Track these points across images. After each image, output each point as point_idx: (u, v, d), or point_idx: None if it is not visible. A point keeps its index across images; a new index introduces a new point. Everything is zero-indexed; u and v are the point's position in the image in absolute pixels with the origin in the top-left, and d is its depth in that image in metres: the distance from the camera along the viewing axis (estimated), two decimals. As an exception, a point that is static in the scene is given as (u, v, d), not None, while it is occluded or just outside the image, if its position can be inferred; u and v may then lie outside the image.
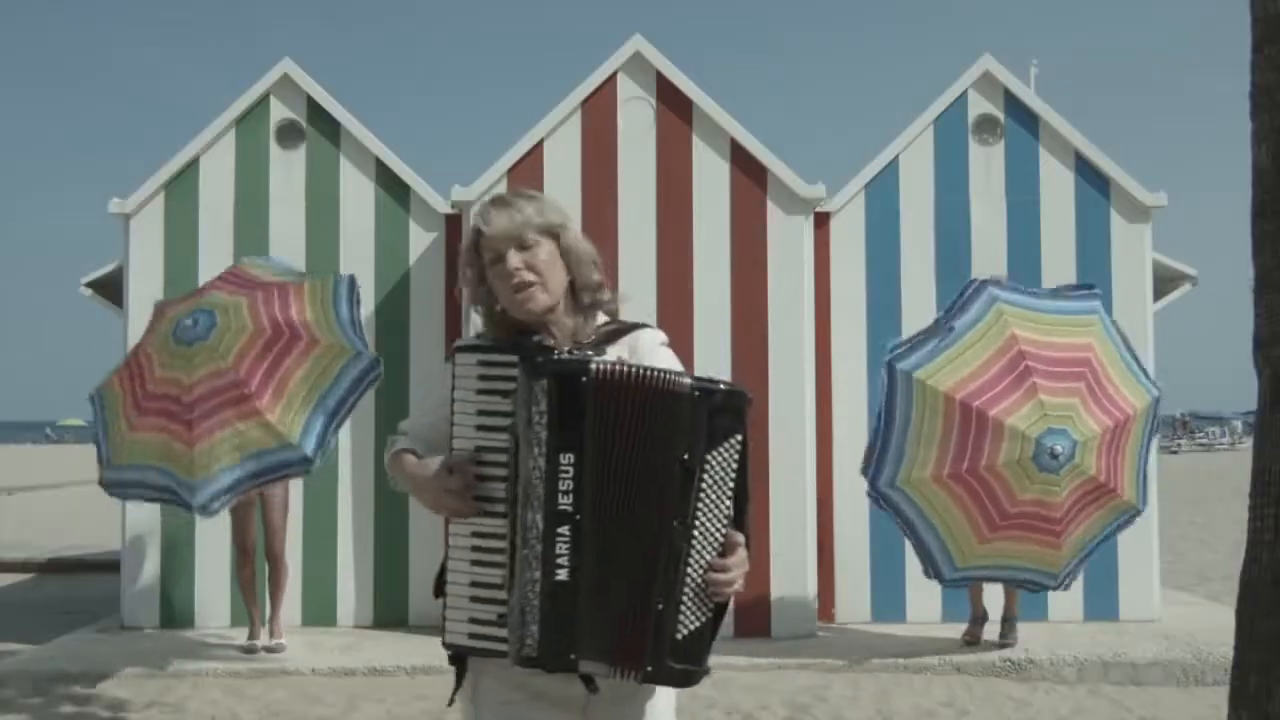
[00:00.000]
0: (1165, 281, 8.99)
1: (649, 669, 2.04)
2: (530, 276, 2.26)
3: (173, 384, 6.00)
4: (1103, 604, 7.96)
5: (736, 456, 2.06)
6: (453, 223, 8.21)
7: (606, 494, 2.03)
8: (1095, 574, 7.96)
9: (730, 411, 2.06)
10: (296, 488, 7.50)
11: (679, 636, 2.04)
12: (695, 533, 2.04)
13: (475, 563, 2.14)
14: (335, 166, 8.26)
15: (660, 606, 2.03)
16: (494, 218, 2.28)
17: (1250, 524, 3.23)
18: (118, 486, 6.38)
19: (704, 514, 2.05)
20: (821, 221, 8.10)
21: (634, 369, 2.06)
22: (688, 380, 2.05)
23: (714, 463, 2.04)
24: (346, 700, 6.31)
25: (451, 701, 2.27)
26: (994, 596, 7.37)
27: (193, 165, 8.20)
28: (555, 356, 2.10)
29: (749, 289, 7.73)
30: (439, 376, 2.34)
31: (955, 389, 6.21)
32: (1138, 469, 6.55)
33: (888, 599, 8.03)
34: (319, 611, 8.02)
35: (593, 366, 2.04)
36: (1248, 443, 36.77)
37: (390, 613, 8.05)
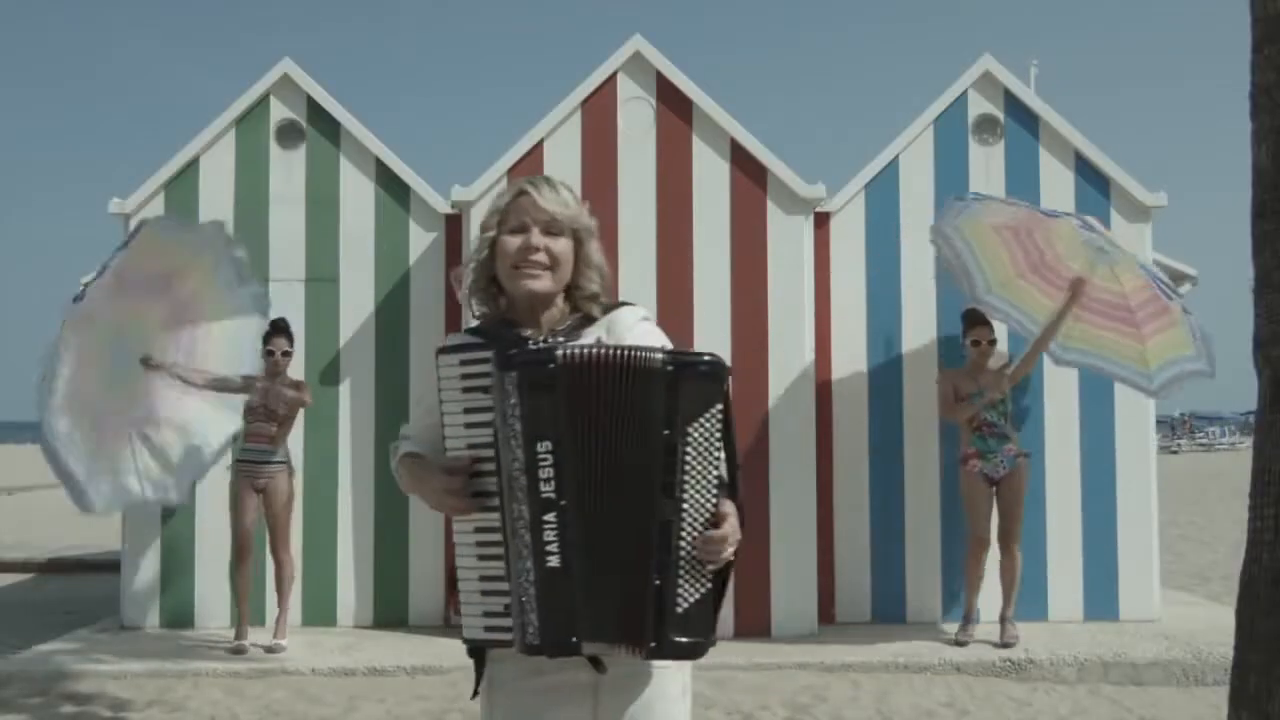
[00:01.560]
0: (1165, 281, 8.99)
1: (653, 644, 2.06)
2: (545, 260, 2.29)
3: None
4: (1103, 604, 7.96)
5: (719, 426, 2.06)
6: (453, 223, 8.22)
7: (589, 477, 2.05)
8: (1095, 574, 7.97)
9: (708, 381, 2.06)
10: (297, 488, 7.50)
11: (680, 610, 2.06)
12: (685, 506, 2.05)
13: (480, 557, 2.18)
14: (335, 166, 8.26)
15: (657, 582, 2.04)
16: (547, 193, 2.32)
17: (1250, 524, 3.24)
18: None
19: (691, 486, 2.05)
20: (821, 221, 8.10)
21: (602, 350, 2.07)
22: (660, 355, 2.06)
23: (696, 434, 2.04)
24: (346, 700, 6.31)
25: (475, 694, 2.29)
26: (994, 598, 7.38)
27: (193, 165, 8.20)
28: (527, 347, 2.11)
29: (749, 289, 7.72)
30: (430, 378, 2.36)
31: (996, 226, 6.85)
32: (1187, 324, 6.71)
33: (888, 599, 8.03)
34: (319, 611, 8.02)
35: (559, 353, 2.05)
36: (1248, 443, 36.77)
37: (390, 613, 8.05)
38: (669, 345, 2.24)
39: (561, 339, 2.23)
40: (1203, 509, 19.00)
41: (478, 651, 2.26)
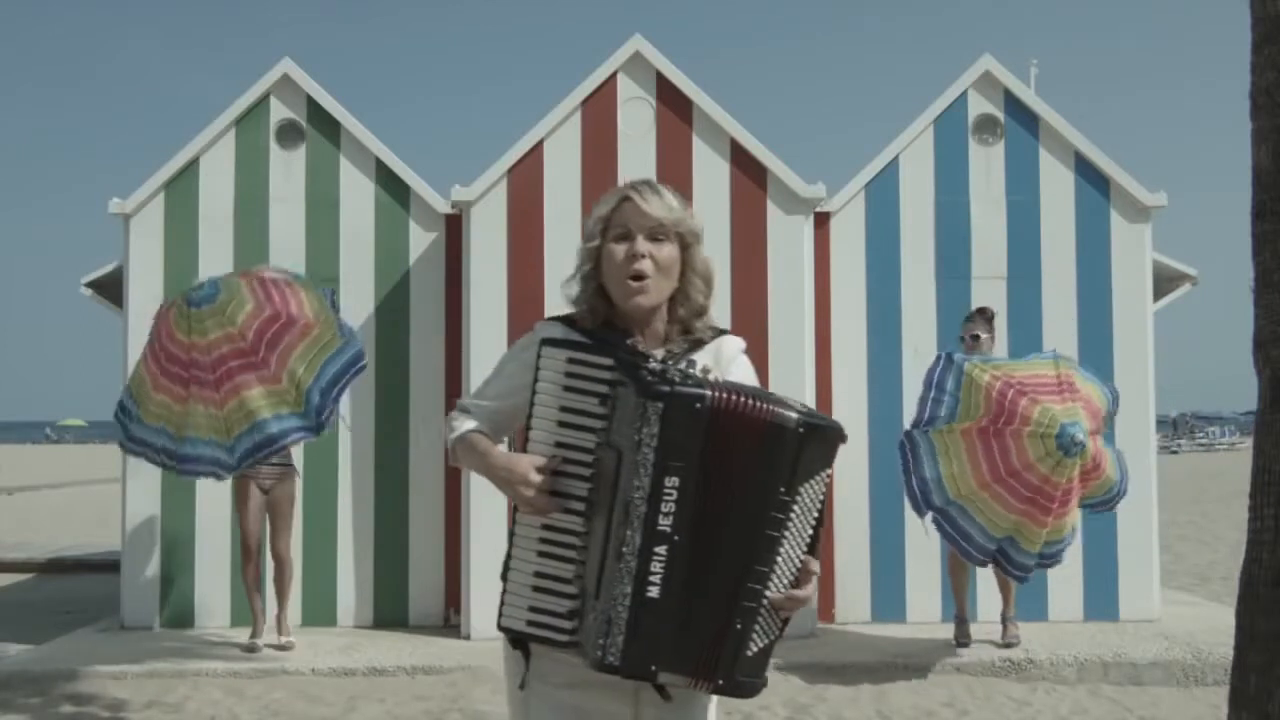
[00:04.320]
0: (1165, 281, 8.99)
1: (720, 682, 2.12)
2: (650, 268, 2.26)
3: (187, 347, 6.24)
4: (1103, 604, 7.97)
5: (824, 489, 2.14)
6: (453, 223, 8.21)
7: (704, 518, 2.07)
8: (1095, 574, 7.97)
9: (828, 446, 2.12)
10: (297, 488, 7.50)
11: (749, 654, 2.13)
12: (779, 559, 2.11)
13: (542, 554, 2.18)
14: (335, 166, 8.26)
15: (739, 626, 2.10)
16: (651, 198, 2.28)
17: (1250, 524, 3.23)
18: (135, 443, 6.49)
19: (789, 542, 2.12)
20: (821, 221, 8.10)
21: (744, 398, 2.07)
22: (794, 415, 2.07)
23: (805, 495, 2.11)
24: (346, 700, 6.32)
25: (523, 685, 2.27)
26: (993, 598, 7.38)
27: (193, 165, 8.20)
28: (666, 373, 2.09)
29: (749, 289, 7.72)
30: (511, 359, 2.36)
31: (971, 426, 6.50)
32: (1114, 457, 6.81)
33: (888, 599, 8.03)
34: (319, 611, 8.02)
35: (708, 394, 2.05)
36: (1248, 443, 36.78)
37: (390, 613, 8.05)
38: (757, 383, 2.27)
39: (670, 364, 2.18)
40: (1203, 509, 19.00)
41: (521, 643, 2.26)
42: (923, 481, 6.59)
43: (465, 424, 2.35)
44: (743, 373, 2.33)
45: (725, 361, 2.34)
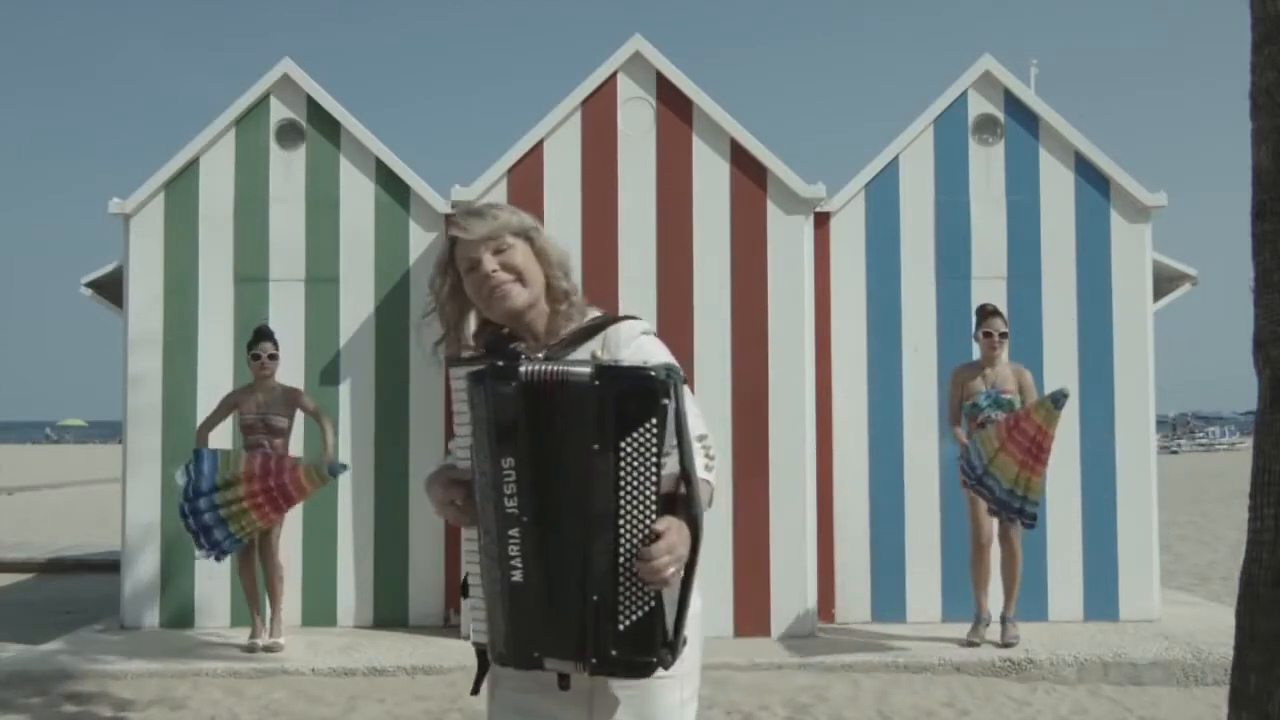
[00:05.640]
0: (1165, 281, 8.99)
1: (594, 661, 2.06)
2: (506, 276, 2.31)
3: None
4: (1103, 604, 7.97)
5: (654, 440, 2.02)
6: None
7: (542, 494, 2.07)
8: (1095, 574, 7.97)
9: (639, 395, 2.02)
10: (296, 488, 7.50)
11: (621, 628, 2.04)
12: (621, 522, 2.03)
13: (471, 564, 2.22)
14: (335, 166, 8.26)
15: (595, 598, 2.04)
16: (472, 224, 2.33)
17: (1250, 524, 3.24)
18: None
19: (627, 503, 2.03)
20: (821, 221, 8.10)
21: (548, 367, 2.08)
22: (587, 369, 2.05)
23: (630, 450, 2.02)
24: (346, 700, 6.31)
25: (475, 690, 2.31)
26: (994, 598, 7.37)
27: (193, 165, 8.20)
28: (515, 362, 2.11)
29: (749, 289, 7.72)
30: None
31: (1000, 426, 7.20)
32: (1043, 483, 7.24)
33: (888, 599, 8.03)
34: (319, 611, 8.02)
35: (521, 370, 2.07)
36: (1248, 443, 36.75)
37: (390, 613, 8.05)
38: (670, 359, 2.23)
39: (552, 355, 2.22)
40: (1203, 509, 19.00)
41: (483, 651, 2.27)
42: (984, 474, 7.08)
43: (441, 464, 2.41)
44: (641, 353, 2.26)
45: (618, 345, 2.30)
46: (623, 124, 7.86)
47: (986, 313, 7.39)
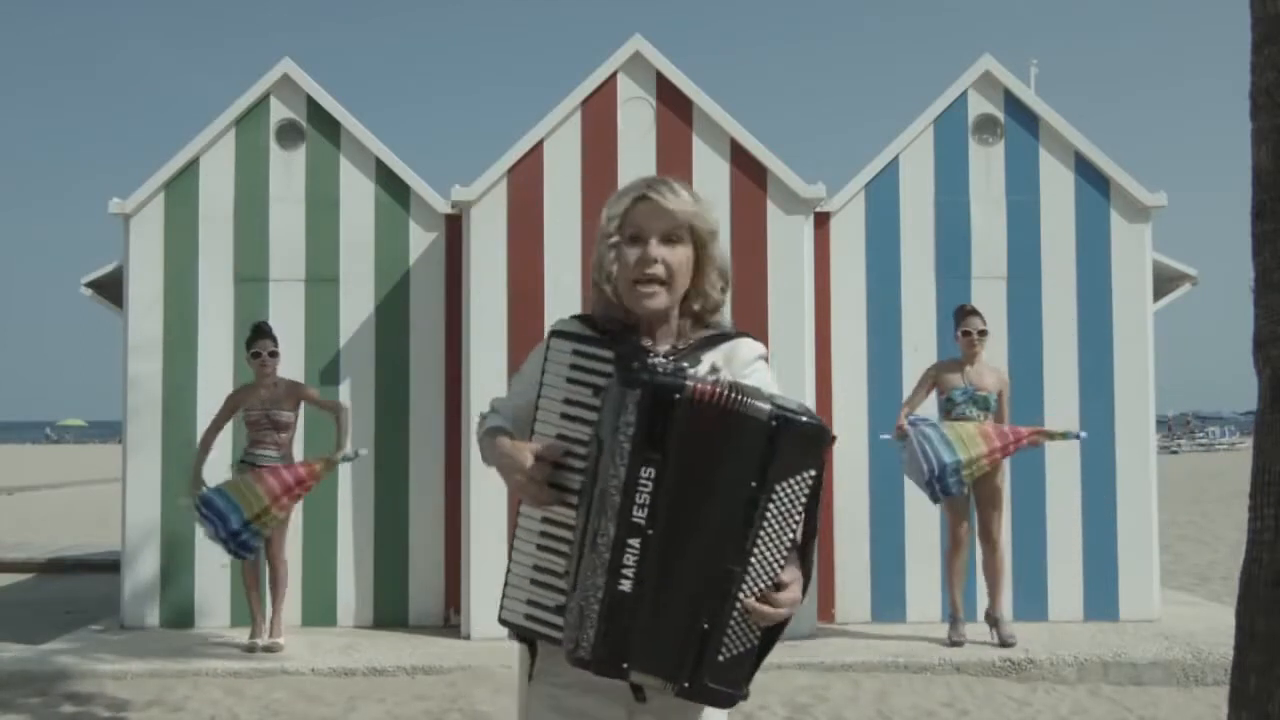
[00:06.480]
0: (1165, 281, 8.99)
1: (686, 685, 2.06)
2: (663, 273, 2.23)
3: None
4: (1103, 604, 7.97)
5: (806, 491, 2.04)
6: (453, 223, 8.21)
7: (678, 512, 2.02)
8: (1095, 574, 7.97)
9: (807, 444, 2.03)
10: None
11: (720, 659, 2.06)
12: (752, 561, 2.04)
13: (541, 548, 2.16)
14: (335, 166, 8.26)
15: (706, 627, 2.04)
16: (669, 195, 2.22)
17: (1250, 524, 3.23)
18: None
19: (763, 544, 2.04)
20: (821, 221, 8.10)
21: (721, 389, 2.01)
22: (768, 406, 2.01)
23: (782, 494, 2.02)
24: (346, 700, 6.31)
25: (531, 677, 2.26)
26: (986, 599, 7.38)
27: (193, 165, 8.20)
28: (650, 363, 2.04)
29: (749, 289, 7.72)
30: (531, 356, 2.31)
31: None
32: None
33: (888, 599, 8.03)
34: (319, 611, 8.02)
35: (688, 384, 2.00)
36: (1248, 443, 36.77)
37: (390, 613, 8.05)
38: (775, 390, 2.17)
39: (685, 362, 2.13)
40: (1203, 509, 19.00)
41: (529, 640, 2.23)
42: (941, 466, 7.03)
43: (490, 421, 2.34)
44: (758, 380, 2.22)
45: (739, 364, 2.27)
46: (623, 124, 7.86)
47: (965, 312, 7.43)
